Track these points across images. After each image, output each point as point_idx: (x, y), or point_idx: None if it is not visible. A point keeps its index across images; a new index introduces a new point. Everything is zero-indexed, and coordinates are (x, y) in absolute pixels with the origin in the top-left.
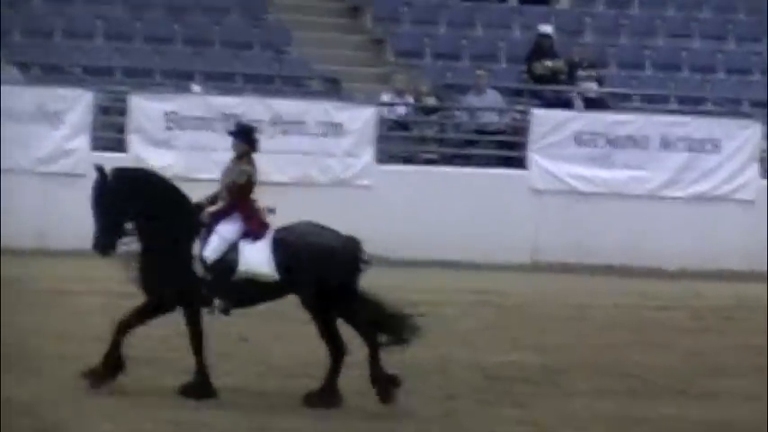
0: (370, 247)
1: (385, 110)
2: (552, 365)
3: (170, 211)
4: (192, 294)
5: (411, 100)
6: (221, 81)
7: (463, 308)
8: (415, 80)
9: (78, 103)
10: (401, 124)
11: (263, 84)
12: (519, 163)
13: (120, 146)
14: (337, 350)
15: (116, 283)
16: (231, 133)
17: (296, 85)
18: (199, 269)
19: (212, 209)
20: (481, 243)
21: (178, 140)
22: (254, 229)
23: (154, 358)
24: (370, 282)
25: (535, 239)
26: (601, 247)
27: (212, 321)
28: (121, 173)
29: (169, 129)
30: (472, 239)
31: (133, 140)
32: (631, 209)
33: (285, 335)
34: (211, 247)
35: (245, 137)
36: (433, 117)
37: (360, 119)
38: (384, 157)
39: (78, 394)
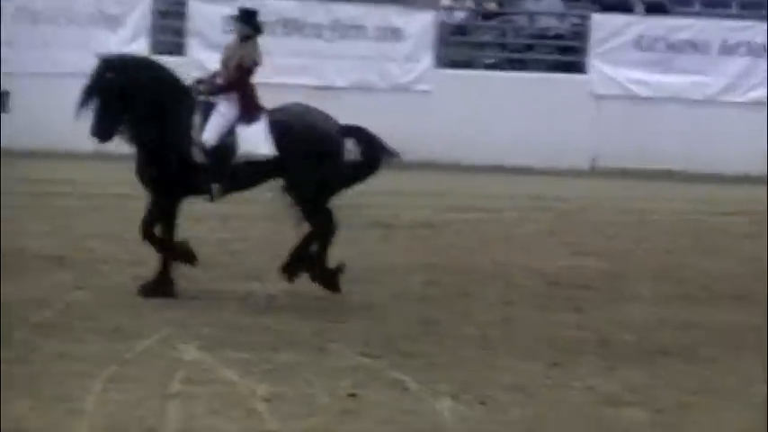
0: (429, 152)
1: (444, 14)
2: (611, 271)
3: (168, 97)
4: (190, 182)
5: (471, 4)
6: None
7: (522, 213)
8: None
9: (137, 7)
10: (461, 29)
11: None
12: (579, 68)
13: (178, 49)
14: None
15: None
16: (235, 17)
17: None
18: (198, 155)
19: (214, 83)
20: (540, 148)
21: None
22: (251, 112)
23: (212, 263)
24: (429, 187)
25: (594, 145)
26: (660, 153)
27: (265, 226)
28: (118, 61)
29: (228, 32)
30: (531, 145)
31: (192, 44)
32: (691, 114)
33: (345, 239)
34: (212, 129)
35: (249, 20)
36: (493, 22)
37: (419, 23)
38: (443, 62)
39: (138, 298)
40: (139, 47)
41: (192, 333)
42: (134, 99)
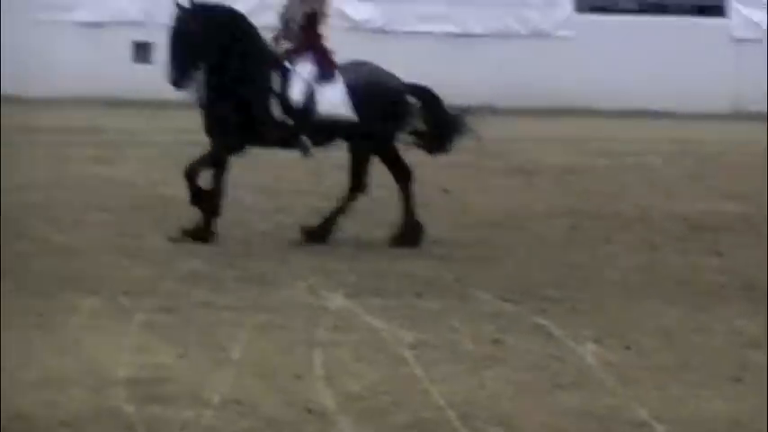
0: (570, 98)
1: None
2: (753, 214)
3: (249, 51)
4: (267, 136)
5: None
6: None
7: (664, 157)
8: None
9: None
10: None
11: None
12: (719, 11)
13: None
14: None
15: None
16: None
17: None
18: (277, 111)
19: (287, 45)
20: (682, 92)
21: None
22: (326, 71)
23: (356, 210)
24: (570, 133)
25: (736, 88)
26: None
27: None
28: (200, 9)
29: None
30: (672, 89)
31: None
32: None
33: (486, 186)
34: (296, 90)
35: None
36: None
37: None
38: (583, 6)
39: (283, 245)
40: None
41: (337, 281)
42: (210, 47)
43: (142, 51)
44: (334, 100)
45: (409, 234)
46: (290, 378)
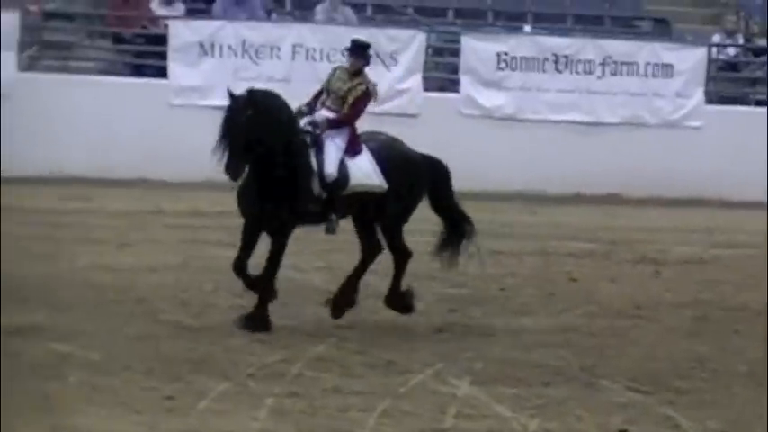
0: (698, 188)
1: (714, 50)
2: None
3: (291, 132)
4: (308, 214)
5: (741, 41)
6: (552, 22)
7: None
8: (746, 20)
9: (411, 44)
10: (731, 65)
11: (592, 24)
12: None
13: (451, 86)
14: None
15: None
16: (349, 49)
17: (626, 26)
18: (316, 186)
19: (330, 116)
20: None
21: (509, 81)
22: (355, 144)
23: (483, 297)
24: (698, 223)
25: None
26: None
27: (534, 261)
28: (251, 97)
29: (501, 69)
30: None
31: (465, 81)
32: None
33: (614, 275)
34: (331, 163)
35: (363, 53)
36: (764, 58)
37: (690, 60)
38: (713, 98)
39: (411, 332)
40: (413, 83)
41: (464, 368)
42: (263, 135)
43: None
44: (365, 170)
45: (398, 302)
46: None
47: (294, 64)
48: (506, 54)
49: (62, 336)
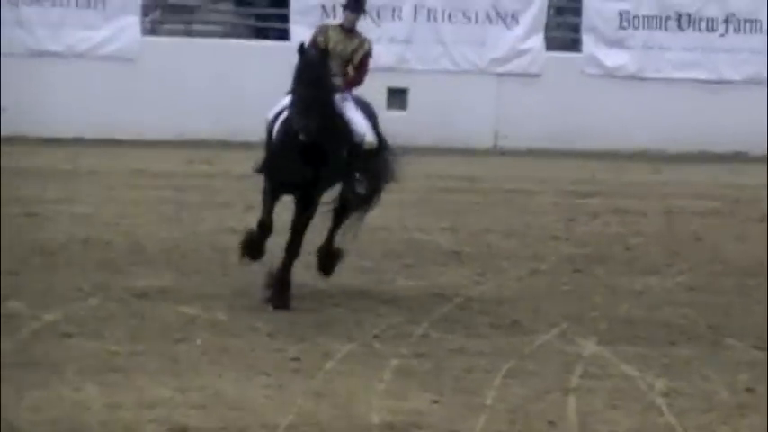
0: None
1: None
2: None
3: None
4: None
5: None
6: None
7: None
8: None
9: (534, 3)
10: None
11: None
12: None
13: (573, 46)
14: None
15: (567, 182)
16: (346, 4)
17: None
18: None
19: (350, 79)
20: None
21: (632, 40)
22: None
23: (609, 257)
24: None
25: None
26: None
27: (659, 220)
28: (320, 53)
29: (623, 28)
30: None
31: (587, 40)
32: None
33: (739, 233)
34: (365, 126)
35: (360, 6)
36: None
37: None
38: None
39: (536, 292)
40: (535, 43)
41: (590, 328)
42: (333, 94)
43: (397, 98)
44: (368, 129)
45: (323, 261)
46: (543, 424)
47: (415, 25)
48: (628, 12)
49: (189, 298)
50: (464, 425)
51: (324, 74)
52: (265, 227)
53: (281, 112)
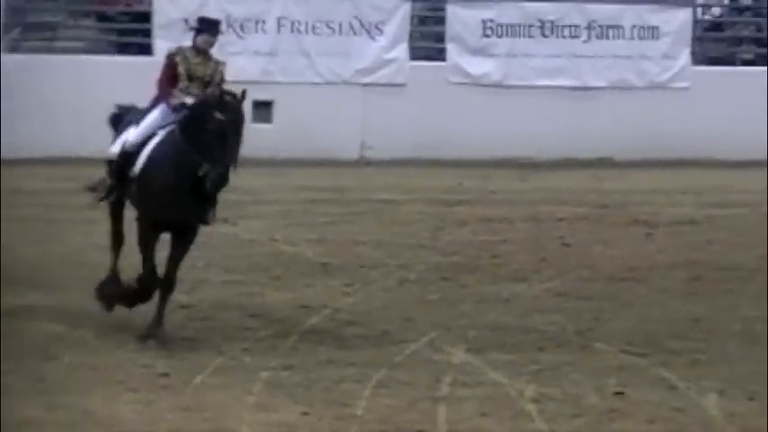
0: (687, 149)
1: (700, 11)
2: None
3: None
4: None
5: (726, 0)
6: None
7: None
8: None
9: (396, 13)
10: (717, 25)
11: None
12: None
13: (438, 55)
14: None
15: (435, 192)
16: (199, 28)
17: None
18: None
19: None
20: None
21: (496, 48)
22: None
23: (477, 265)
24: (689, 184)
25: None
26: None
27: (526, 227)
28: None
29: (487, 36)
30: None
31: (451, 49)
32: None
33: (607, 239)
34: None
35: (215, 29)
36: (749, 16)
37: (675, 21)
38: (700, 58)
39: (405, 303)
40: (399, 53)
41: (459, 336)
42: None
43: (262, 110)
44: None
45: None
46: None
47: (279, 37)
48: (492, 21)
49: (56, 316)
50: None
51: (241, 119)
52: (154, 278)
53: (143, 143)
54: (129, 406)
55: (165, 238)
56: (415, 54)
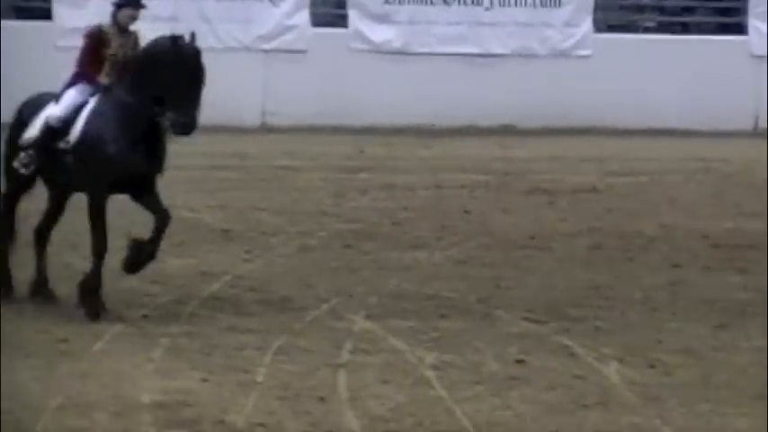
0: (590, 117)
1: None
2: None
3: None
4: None
5: None
6: None
7: (685, 176)
8: None
9: None
10: None
11: None
12: (738, 29)
13: (340, 21)
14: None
15: (336, 158)
16: (120, 3)
17: None
18: None
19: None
20: (701, 110)
21: (398, 15)
22: None
23: (377, 232)
24: (591, 152)
25: (756, 105)
26: None
27: (428, 195)
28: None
29: (389, 3)
30: (692, 107)
31: (353, 15)
32: None
33: (508, 206)
34: None
35: (139, 4)
36: None
37: None
38: (602, 26)
39: (305, 268)
40: (301, 19)
41: (360, 303)
42: None
43: None
44: None
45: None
46: (314, 401)
47: (180, 2)
48: None
49: None
50: (235, 403)
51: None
52: (102, 251)
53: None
54: (28, 372)
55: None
56: (317, 20)
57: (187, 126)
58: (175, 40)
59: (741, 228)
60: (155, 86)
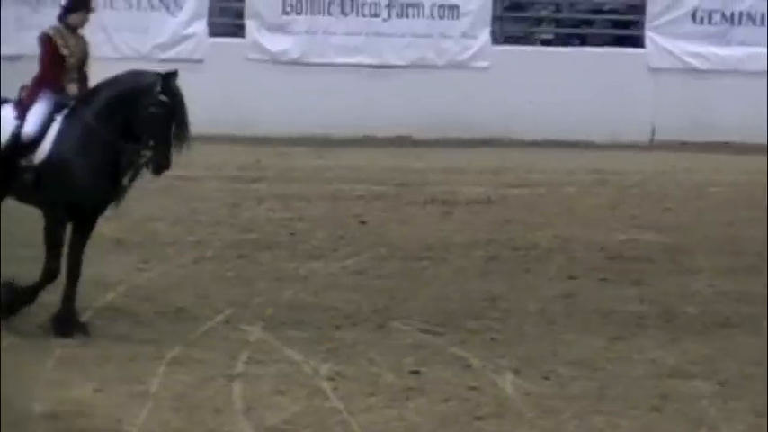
0: (487, 129)
1: None
2: (671, 244)
3: None
4: None
5: None
6: None
7: (582, 188)
8: None
9: None
10: (517, 4)
11: None
12: (635, 42)
13: (237, 31)
14: None
15: (232, 168)
16: (69, 7)
17: None
18: None
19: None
20: (599, 123)
21: (295, 25)
22: None
23: (273, 242)
24: (487, 163)
25: (653, 118)
26: (718, 125)
27: (323, 205)
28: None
29: (286, 13)
30: (589, 119)
31: (250, 25)
32: (748, 86)
33: (404, 217)
34: None
35: (89, 7)
36: None
37: (476, 0)
38: (500, 38)
39: (201, 280)
40: (198, 29)
41: (255, 313)
42: None
43: None
44: None
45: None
46: (209, 411)
47: None
48: None
49: None
50: (128, 413)
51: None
52: (55, 274)
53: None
54: None
55: None
56: (215, 30)
57: (165, 167)
58: (166, 78)
59: (637, 240)
60: (135, 123)
